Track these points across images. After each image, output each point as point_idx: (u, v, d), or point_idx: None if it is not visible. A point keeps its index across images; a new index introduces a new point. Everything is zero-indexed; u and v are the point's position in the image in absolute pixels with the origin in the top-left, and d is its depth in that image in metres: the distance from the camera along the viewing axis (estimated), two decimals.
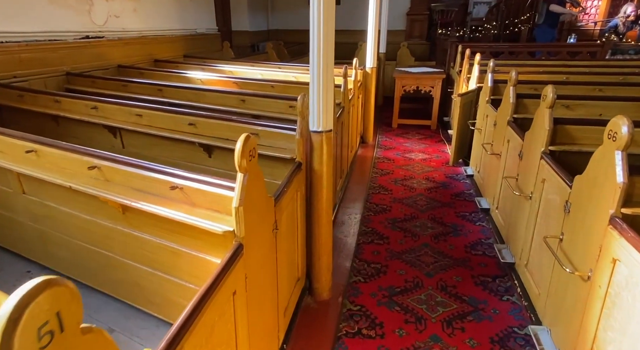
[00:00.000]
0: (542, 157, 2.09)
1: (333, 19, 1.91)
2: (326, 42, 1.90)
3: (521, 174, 2.41)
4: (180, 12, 6.13)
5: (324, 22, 1.86)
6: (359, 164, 4.57)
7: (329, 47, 1.92)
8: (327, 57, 1.93)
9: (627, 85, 3.28)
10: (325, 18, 1.86)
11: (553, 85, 2.06)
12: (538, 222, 2.09)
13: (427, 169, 4.38)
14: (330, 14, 1.87)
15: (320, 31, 1.87)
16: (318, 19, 1.85)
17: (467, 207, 3.43)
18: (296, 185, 1.98)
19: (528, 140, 2.34)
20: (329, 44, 1.92)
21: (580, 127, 2.10)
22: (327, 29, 1.89)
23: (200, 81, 4.35)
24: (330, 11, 1.87)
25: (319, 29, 1.87)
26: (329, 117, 2.04)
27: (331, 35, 1.93)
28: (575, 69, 4.37)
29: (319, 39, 1.89)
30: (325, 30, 1.88)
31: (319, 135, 2.03)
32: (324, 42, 1.89)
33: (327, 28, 1.89)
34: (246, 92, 3.25)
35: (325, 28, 1.87)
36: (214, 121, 2.37)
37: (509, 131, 2.73)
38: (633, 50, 5.29)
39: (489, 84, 3.45)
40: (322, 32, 1.87)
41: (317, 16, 1.85)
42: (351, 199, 3.65)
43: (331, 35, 1.93)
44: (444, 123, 6.04)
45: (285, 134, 2.16)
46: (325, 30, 1.88)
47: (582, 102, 2.67)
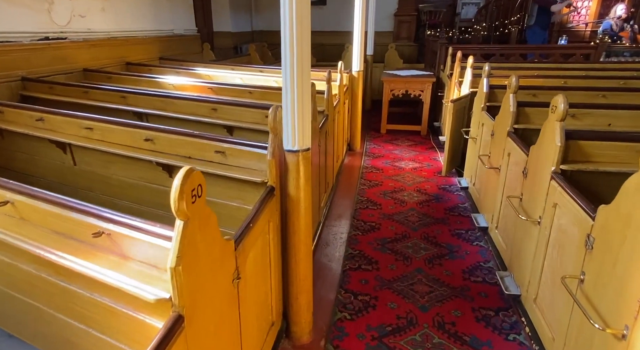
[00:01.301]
0: (552, 178, 1.81)
1: (308, 18, 1.60)
2: (300, 45, 1.59)
3: (526, 194, 2.14)
4: (155, 11, 5.76)
5: (297, 22, 1.55)
6: (346, 174, 4.27)
7: (304, 51, 1.61)
8: (302, 64, 1.62)
9: (630, 90, 3.05)
10: (299, 17, 1.55)
11: (564, 95, 1.79)
12: (549, 253, 1.81)
13: (418, 179, 4.10)
14: (304, 12, 1.56)
15: (292, 32, 1.56)
16: (290, 19, 1.54)
17: (463, 224, 3.15)
18: (268, 214, 1.67)
19: (534, 156, 2.06)
20: (304, 48, 1.61)
21: (594, 143, 1.82)
22: (302, 29, 1.58)
23: (172, 86, 4.00)
24: (304, 9, 1.56)
25: (291, 29, 1.56)
26: (306, 134, 1.73)
27: (306, 37, 1.62)
28: (572, 72, 4.14)
29: (292, 42, 1.58)
30: (300, 31, 1.57)
31: (295, 155, 1.72)
32: (298, 46, 1.58)
33: (302, 29, 1.58)
34: (218, 100, 2.92)
35: (299, 29, 1.56)
36: (174, 137, 2.03)
37: (510, 143, 2.46)
38: (628, 52, 5.11)
39: (484, 89, 3.18)
40: (295, 34, 1.56)
41: (288, 15, 1.54)
42: (337, 216, 3.34)
43: (306, 38, 1.62)
44: (435, 128, 5.79)
45: (256, 153, 1.85)
46: (300, 32, 1.57)
47: (589, 111, 2.41)
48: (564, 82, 3.65)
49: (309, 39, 1.65)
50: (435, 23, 8.35)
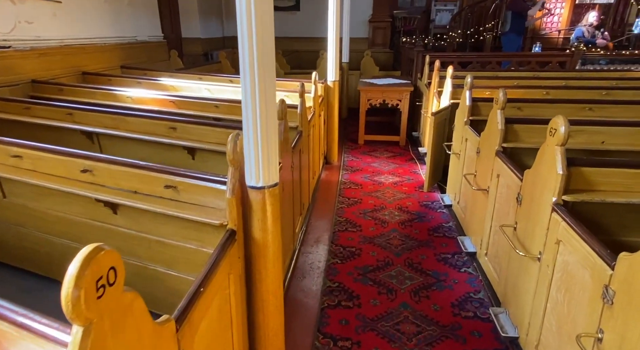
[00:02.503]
0: (554, 209, 1.60)
1: (271, 28, 1.33)
2: (263, 61, 1.32)
3: (521, 223, 1.93)
4: (115, 17, 5.35)
5: (257, 33, 1.27)
6: (323, 191, 4.01)
7: (267, 67, 1.34)
8: (264, 81, 1.35)
9: (617, 103, 2.93)
10: (260, 25, 1.27)
11: (564, 117, 1.58)
12: (553, 295, 1.60)
13: (400, 195, 3.88)
14: (266, 19, 1.29)
15: (253, 45, 1.29)
16: (249, 29, 1.27)
17: (449, 247, 2.94)
18: (227, 266, 1.38)
19: (529, 181, 1.85)
20: (266, 64, 1.34)
21: (599, 170, 1.63)
22: (263, 42, 1.31)
23: (130, 99, 3.64)
24: (265, 16, 1.29)
25: (250, 42, 1.28)
26: (272, 166, 1.45)
27: (269, 51, 1.35)
28: (552, 82, 4.04)
29: (252, 58, 1.30)
30: (260, 46, 1.30)
31: (260, 193, 1.44)
32: (260, 62, 1.31)
33: (263, 42, 1.31)
34: (178, 118, 2.60)
35: (259, 41, 1.29)
36: (116, 168, 1.71)
37: (499, 164, 2.26)
38: (604, 60, 5.10)
39: (467, 102, 2.99)
40: (255, 47, 1.29)
41: (246, 24, 1.27)
42: (314, 240, 3.07)
43: (269, 52, 1.35)
44: (413, 139, 5.62)
45: (214, 188, 1.55)
46: (260, 46, 1.30)
47: (582, 128, 2.24)
48: (545, 92, 3.53)
49: (273, 53, 1.38)
50: (410, 29, 8.26)
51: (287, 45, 8.76)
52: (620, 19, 6.78)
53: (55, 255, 2.11)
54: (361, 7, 8.36)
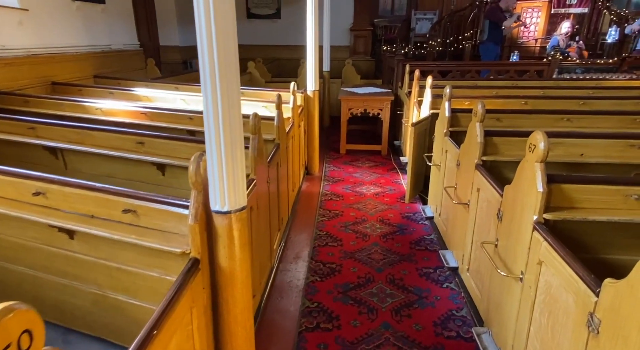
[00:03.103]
0: (535, 228, 1.54)
1: (233, 33, 1.24)
2: (225, 73, 1.22)
3: (502, 240, 1.87)
4: (87, 25, 5.18)
5: (217, 41, 1.18)
6: (303, 204, 3.91)
7: (230, 79, 1.24)
8: (228, 97, 1.25)
9: (594, 113, 2.93)
10: (221, 32, 1.18)
11: (543, 133, 1.54)
12: (536, 318, 1.54)
13: (381, 207, 3.81)
14: (227, 25, 1.19)
15: (213, 54, 1.19)
16: (208, 36, 1.18)
17: (431, 261, 2.87)
18: (189, 299, 1.27)
19: (510, 197, 1.80)
20: (230, 77, 1.24)
21: (580, 186, 1.58)
22: (226, 49, 1.21)
23: (100, 111, 3.49)
24: (227, 22, 1.20)
25: (210, 50, 1.19)
26: (239, 190, 1.35)
27: (232, 61, 1.26)
28: (530, 91, 4.06)
29: (213, 70, 1.21)
30: (222, 55, 1.20)
31: (225, 218, 1.34)
32: (222, 74, 1.22)
33: (226, 48, 1.21)
34: (146, 132, 2.47)
35: (220, 50, 1.20)
36: (71, 190, 1.59)
37: (479, 178, 2.20)
38: (580, 69, 5.18)
39: (446, 113, 2.96)
40: (216, 57, 1.19)
41: (206, 34, 1.17)
42: (293, 256, 2.96)
43: (232, 61, 1.26)
44: (395, 148, 5.59)
45: (177, 213, 1.44)
46: (222, 55, 1.20)
47: (561, 140, 2.22)
48: (524, 102, 3.53)
49: (236, 62, 1.29)
50: (391, 38, 8.30)
51: (268, 53, 8.69)
52: (594, 28, 6.94)
53: (10, 284, 1.95)
54: (342, 15, 8.37)
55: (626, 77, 4.86)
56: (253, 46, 8.85)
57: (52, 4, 4.51)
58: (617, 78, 4.88)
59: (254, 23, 8.88)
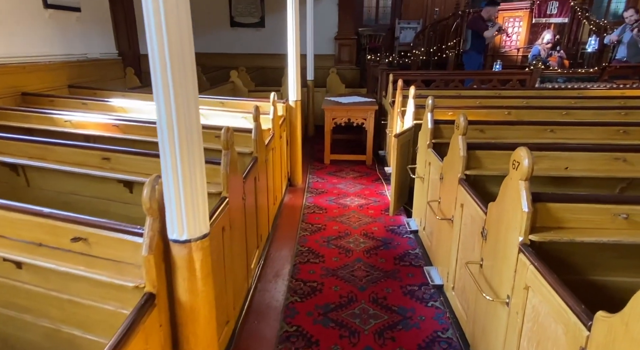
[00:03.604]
0: (521, 250, 1.45)
1: (188, 35, 1.13)
2: (181, 83, 1.11)
3: (488, 261, 1.78)
4: (61, 34, 5.00)
5: (169, 46, 1.07)
6: (285, 217, 3.79)
7: (187, 89, 1.13)
8: (185, 111, 1.13)
9: (578, 124, 2.89)
10: (174, 35, 1.07)
11: (527, 149, 1.45)
12: (524, 346, 1.44)
13: (365, 219, 3.71)
14: (182, 26, 1.08)
15: (165, 58, 1.08)
16: (158, 37, 1.06)
17: (415, 278, 2.77)
18: (142, 339, 1.13)
19: (494, 215, 1.71)
20: (186, 86, 1.13)
21: (566, 205, 1.50)
22: (182, 53, 1.10)
23: (69, 123, 3.33)
24: (182, 23, 1.08)
25: (161, 53, 1.07)
26: (200, 215, 1.23)
27: (188, 67, 1.14)
28: (513, 101, 4.03)
29: (165, 79, 1.09)
30: (176, 60, 1.09)
31: (185, 247, 1.21)
32: (176, 84, 1.10)
33: (182, 52, 1.10)
34: (111, 147, 2.33)
35: (173, 53, 1.08)
36: (14, 216, 1.44)
37: (462, 193, 2.12)
38: (562, 78, 5.21)
39: (428, 125, 2.88)
40: (168, 61, 1.08)
41: (155, 30, 1.06)
42: (272, 275, 2.83)
43: (189, 68, 1.14)
44: (380, 157, 5.52)
45: (133, 242, 1.31)
46: (176, 60, 1.09)
47: (545, 153, 2.15)
48: (507, 112, 3.49)
49: (194, 69, 1.17)
50: (376, 47, 8.30)
51: (252, 62, 8.61)
52: (574, 38, 7.04)
53: None
54: (327, 24, 8.35)
55: (607, 87, 4.90)
56: (237, 55, 8.76)
57: (22, 12, 4.34)
58: (598, 87, 4.91)
59: (238, 31, 8.80)
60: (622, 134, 2.73)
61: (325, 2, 8.37)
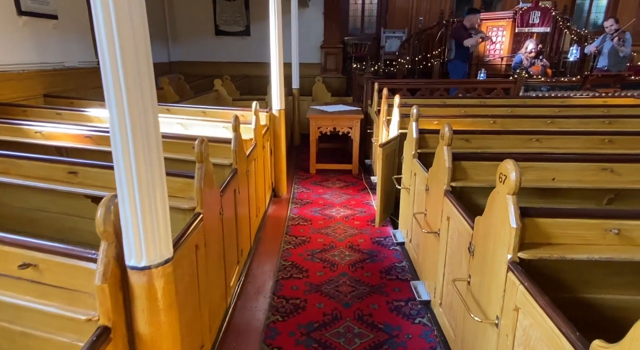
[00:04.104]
0: (510, 269, 1.37)
1: (145, 48, 1.03)
2: (136, 89, 1.01)
3: (476, 277, 1.69)
4: (36, 42, 4.84)
5: (121, 47, 0.96)
6: (269, 230, 3.67)
7: (143, 98, 1.03)
8: (141, 121, 1.03)
9: (562, 133, 2.86)
10: (127, 37, 0.97)
11: (514, 162, 1.38)
12: None
13: (351, 231, 3.62)
14: (137, 29, 0.98)
15: (117, 64, 0.97)
16: (109, 41, 0.96)
17: (402, 293, 2.67)
18: None
19: (481, 230, 1.64)
20: (143, 95, 1.03)
21: (555, 221, 1.43)
22: (137, 57, 1.00)
23: (40, 135, 3.17)
24: (137, 36, 0.98)
25: (112, 60, 0.97)
26: (162, 238, 1.12)
27: (145, 72, 1.04)
28: (498, 110, 4.01)
29: (117, 85, 0.99)
30: (129, 66, 0.99)
31: (144, 275, 1.10)
32: (129, 91, 1.00)
33: (137, 56, 1.00)
34: (79, 161, 2.19)
35: (126, 58, 0.98)
36: None
37: (448, 206, 2.04)
38: (545, 87, 5.24)
39: (413, 135, 2.82)
40: (120, 67, 0.98)
41: (104, 33, 0.96)
42: (253, 292, 2.70)
43: (145, 73, 1.04)
44: (366, 167, 5.45)
45: (89, 268, 1.18)
46: (129, 66, 0.99)
47: (531, 164, 2.09)
48: (492, 121, 3.45)
49: (151, 74, 1.07)
50: (361, 56, 8.30)
51: (237, 71, 8.53)
52: (556, 47, 7.14)
53: None
54: (313, 32, 8.34)
55: (589, 95, 4.94)
56: (222, 63, 8.68)
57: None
58: (581, 96, 4.95)
59: (223, 40, 8.74)
60: (608, 143, 2.70)
61: (310, 11, 8.38)
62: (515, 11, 6.85)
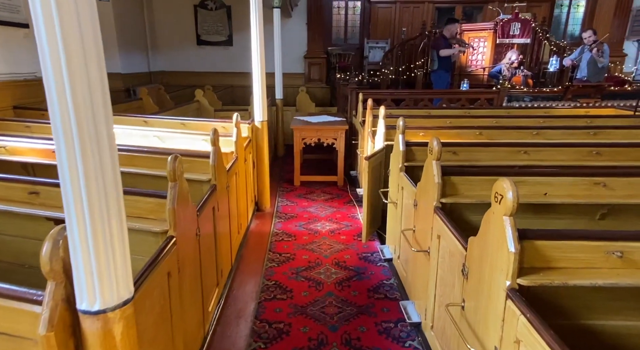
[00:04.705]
0: (509, 297, 1.27)
1: (97, 60, 0.90)
2: (85, 108, 0.87)
3: (470, 302, 1.59)
4: (6, 51, 4.61)
5: (65, 58, 0.83)
6: (251, 247, 3.51)
7: (97, 115, 0.89)
8: (93, 140, 0.89)
9: (550, 146, 2.82)
10: (75, 59, 0.84)
11: (511, 181, 1.29)
12: None
13: (337, 247, 3.49)
14: (86, 51, 0.85)
15: (62, 73, 0.84)
16: (51, 48, 0.82)
17: (391, 313, 2.55)
18: None
19: (476, 253, 1.53)
20: (96, 111, 0.89)
21: (555, 243, 1.34)
22: (86, 68, 0.86)
23: (4, 150, 2.96)
24: (86, 46, 0.85)
25: (55, 71, 0.83)
26: (118, 277, 0.97)
27: (98, 85, 0.91)
28: (483, 120, 3.98)
29: (64, 106, 0.85)
30: (79, 85, 0.85)
31: (97, 320, 0.95)
32: (78, 110, 0.86)
33: (86, 66, 0.86)
34: (41, 180, 2.02)
35: (72, 69, 0.85)
36: None
37: (439, 224, 1.94)
38: (528, 97, 5.27)
39: (400, 147, 2.73)
40: (66, 79, 0.84)
41: (46, 46, 0.82)
42: (234, 316, 2.54)
43: (98, 85, 0.91)
44: (352, 178, 5.35)
45: (32, 312, 1.02)
46: (79, 85, 0.85)
47: (523, 178, 2.02)
48: (479, 132, 3.40)
49: (105, 86, 0.94)
50: (345, 66, 8.26)
51: (220, 81, 8.40)
52: (536, 57, 7.24)
53: None
54: (296, 42, 8.29)
55: (571, 105, 4.98)
56: (204, 73, 8.53)
57: None
58: (563, 106, 4.98)
59: (205, 50, 8.62)
60: (595, 155, 2.66)
61: (294, 21, 8.33)
62: (496, 22, 6.94)
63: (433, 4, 8.38)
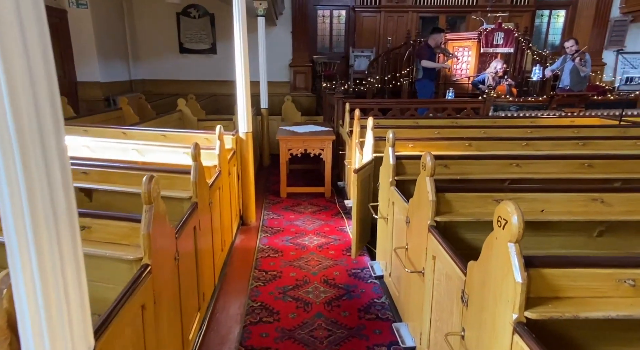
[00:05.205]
0: (516, 331, 1.16)
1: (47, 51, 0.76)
2: (29, 125, 0.73)
3: (471, 332, 1.48)
4: None
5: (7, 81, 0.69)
6: (235, 265, 3.35)
7: (44, 133, 0.75)
8: (41, 164, 0.75)
9: (541, 158, 2.77)
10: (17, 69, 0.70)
11: (516, 204, 1.20)
12: None
13: (326, 262, 3.36)
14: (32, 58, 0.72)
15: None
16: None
17: (384, 336, 2.43)
18: None
19: (478, 280, 1.43)
20: (44, 128, 0.75)
21: (563, 271, 1.24)
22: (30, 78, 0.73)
23: None
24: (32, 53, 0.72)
25: None
26: (73, 328, 0.83)
27: (47, 108, 0.77)
28: (471, 131, 3.94)
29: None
30: (23, 102, 0.72)
31: None
32: (19, 127, 0.72)
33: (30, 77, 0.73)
34: None
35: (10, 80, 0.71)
36: None
37: (434, 244, 1.84)
38: (514, 107, 5.28)
39: (390, 161, 2.64)
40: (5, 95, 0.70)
41: None
42: (217, 342, 2.38)
43: (49, 100, 0.77)
44: (339, 189, 5.24)
45: None
46: (23, 102, 0.72)
47: (519, 195, 1.94)
48: (468, 144, 3.34)
49: (58, 101, 0.80)
50: (331, 74, 8.21)
51: (203, 89, 8.23)
52: (519, 67, 7.32)
53: None
54: (281, 51, 8.21)
55: (557, 115, 5.00)
56: (187, 81, 8.36)
57: None
58: (548, 115, 5.00)
59: (188, 58, 8.46)
60: (587, 168, 2.62)
61: (279, 30, 8.25)
62: (480, 32, 6.99)
63: (417, 13, 8.42)
